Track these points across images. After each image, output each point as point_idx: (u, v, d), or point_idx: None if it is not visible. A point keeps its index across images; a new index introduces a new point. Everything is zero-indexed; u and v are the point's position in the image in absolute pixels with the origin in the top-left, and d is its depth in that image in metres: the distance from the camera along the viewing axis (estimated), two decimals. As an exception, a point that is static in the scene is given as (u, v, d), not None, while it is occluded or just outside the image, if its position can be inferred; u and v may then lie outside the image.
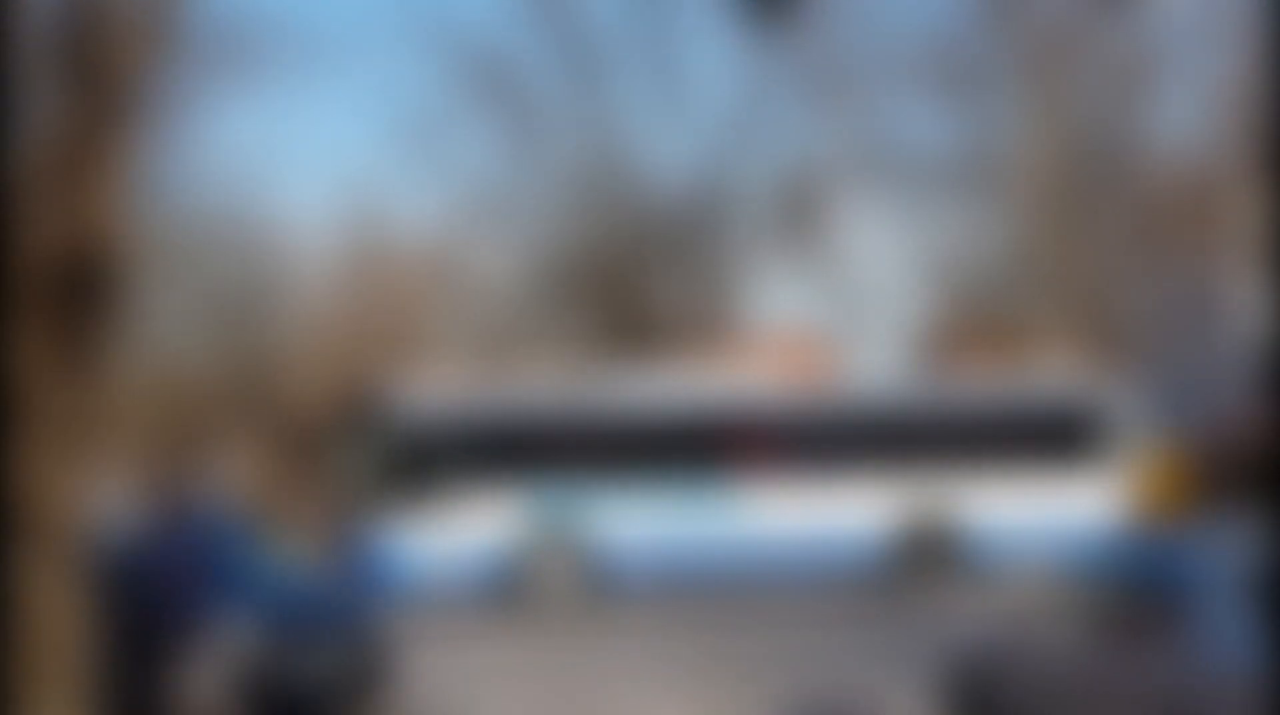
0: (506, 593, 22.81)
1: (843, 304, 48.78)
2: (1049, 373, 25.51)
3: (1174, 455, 34.23)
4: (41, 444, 9.36)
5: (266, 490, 53.76)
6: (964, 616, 21.58)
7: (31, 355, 9.35)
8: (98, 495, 9.27)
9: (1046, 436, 25.30)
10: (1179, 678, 8.78)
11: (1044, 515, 25.11)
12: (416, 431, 22.40)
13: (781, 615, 22.78)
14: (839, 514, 24.47)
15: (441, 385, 22.83)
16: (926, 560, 24.68)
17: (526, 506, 22.96)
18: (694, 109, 56.12)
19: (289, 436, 53.02)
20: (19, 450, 9.34)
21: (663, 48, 44.81)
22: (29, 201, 9.35)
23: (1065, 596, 10.13)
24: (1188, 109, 39.90)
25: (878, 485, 24.62)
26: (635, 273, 43.21)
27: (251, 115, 68.47)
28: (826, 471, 24.50)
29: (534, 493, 23.06)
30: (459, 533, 22.50)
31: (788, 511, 24.31)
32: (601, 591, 23.38)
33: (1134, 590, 9.52)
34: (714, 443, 24.07)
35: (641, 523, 23.54)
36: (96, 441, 9.67)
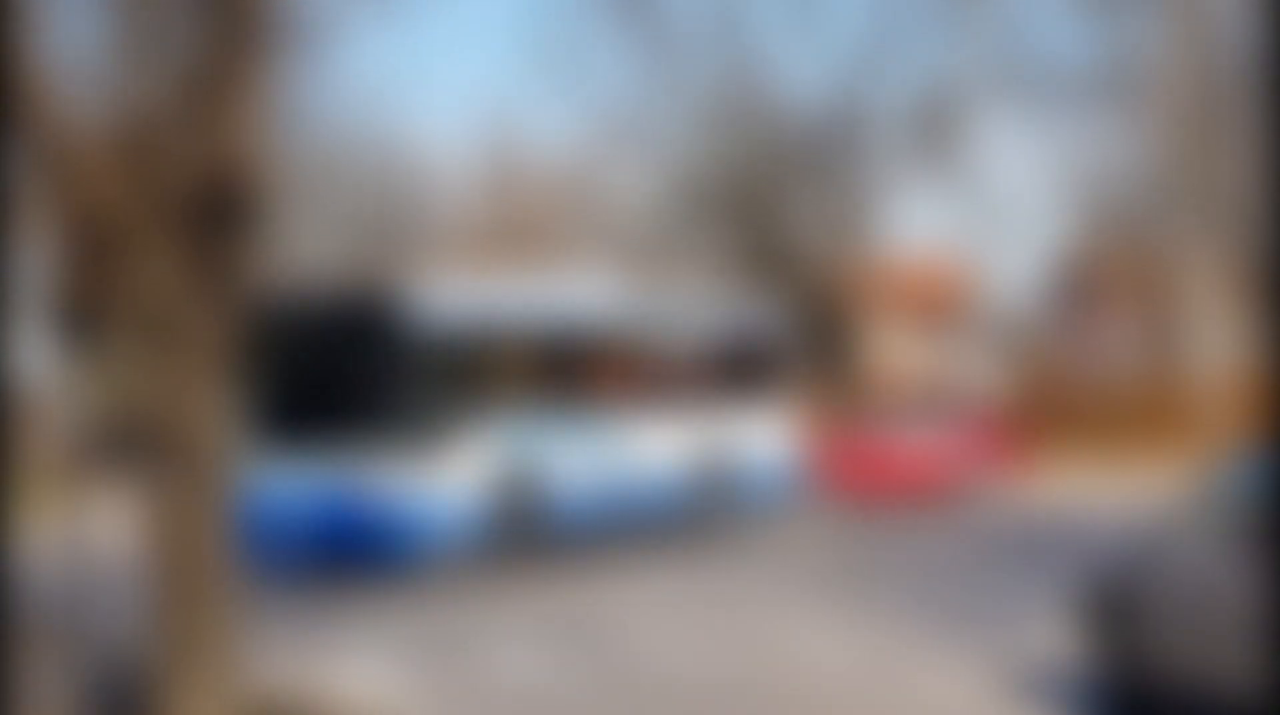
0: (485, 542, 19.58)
1: (982, 223, 48.31)
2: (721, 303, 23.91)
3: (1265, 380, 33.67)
4: (184, 365, 9.58)
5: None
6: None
7: (175, 279, 9.55)
8: (238, 416, 9.49)
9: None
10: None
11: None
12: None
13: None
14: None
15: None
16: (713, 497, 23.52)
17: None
18: (831, 26, 55.67)
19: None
20: (163, 372, 9.57)
21: (798, -35, 44.41)
22: (170, 127, 9.53)
23: (1199, 514, 10.09)
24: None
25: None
26: (772, 192, 43.01)
27: (389, 38, 68.84)
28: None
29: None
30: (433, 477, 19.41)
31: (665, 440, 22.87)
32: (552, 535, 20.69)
33: (1266, 508, 9.48)
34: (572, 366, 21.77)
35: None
36: (238, 363, 9.88)
